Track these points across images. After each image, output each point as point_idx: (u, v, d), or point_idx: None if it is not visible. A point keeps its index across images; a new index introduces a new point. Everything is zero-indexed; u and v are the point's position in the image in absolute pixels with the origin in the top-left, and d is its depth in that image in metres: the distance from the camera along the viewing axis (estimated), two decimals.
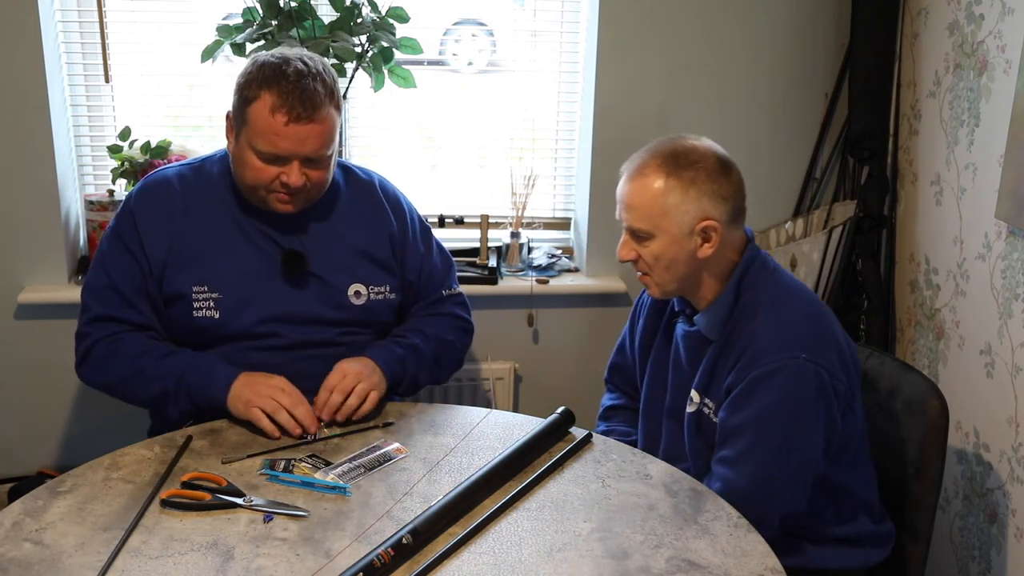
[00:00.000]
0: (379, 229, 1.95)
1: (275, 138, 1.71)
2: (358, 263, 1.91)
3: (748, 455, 1.60)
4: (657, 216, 1.63)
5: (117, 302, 1.82)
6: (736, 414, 1.61)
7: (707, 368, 1.69)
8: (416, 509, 1.45)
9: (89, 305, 1.85)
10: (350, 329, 1.90)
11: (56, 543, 1.36)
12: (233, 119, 1.78)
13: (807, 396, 1.58)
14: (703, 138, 1.69)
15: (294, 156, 1.73)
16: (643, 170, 1.65)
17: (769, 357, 1.59)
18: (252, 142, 1.73)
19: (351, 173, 1.99)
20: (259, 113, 1.70)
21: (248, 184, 1.79)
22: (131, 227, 1.84)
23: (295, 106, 1.69)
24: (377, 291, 1.91)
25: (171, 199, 1.85)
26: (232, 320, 1.82)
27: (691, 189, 1.61)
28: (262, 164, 1.74)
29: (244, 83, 1.74)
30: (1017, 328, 2.07)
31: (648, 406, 1.86)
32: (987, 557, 2.20)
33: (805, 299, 1.70)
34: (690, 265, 1.66)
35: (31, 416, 2.60)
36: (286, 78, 1.70)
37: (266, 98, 1.70)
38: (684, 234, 1.63)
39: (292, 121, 1.69)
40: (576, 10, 2.68)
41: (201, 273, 1.82)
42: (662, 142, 1.68)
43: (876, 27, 2.55)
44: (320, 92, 1.72)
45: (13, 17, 2.33)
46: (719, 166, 1.64)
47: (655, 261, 1.66)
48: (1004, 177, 2.08)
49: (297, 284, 1.85)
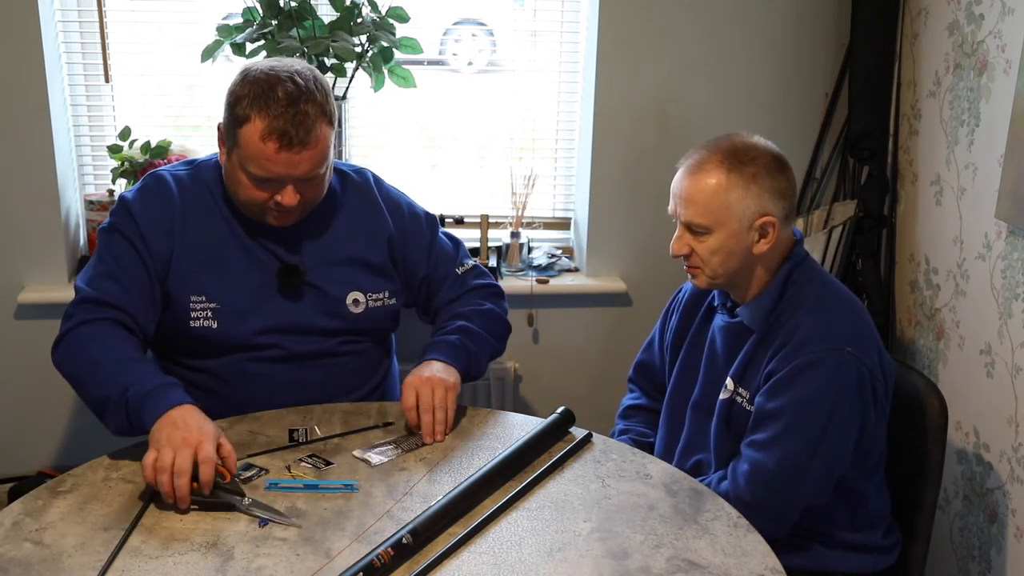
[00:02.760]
0: (376, 234, 1.92)
1: (267, 163, 1.67)
2: (355, 271, 1.89)
3: (781, 440, 1.61)
4: (718, 211, 1.64)
5: (111, 288, 1.74)
6: (774, 399, 1.62)
7: (745, 357, 1.70)
8: (416, 509, 1.45)
9: (80, 290, 1.76)
10: (350, 338, 1.89)
11: (56, 543, 1.36)
12: (224, 135, 1.74)
13: (848, 390, 1.59)
14: (757, 136, 1.71)
15: (287, 180, 1.70)
16: (703, 166, 1.65)
17: (815, 347, 1.60)
18: (244, 164, 1.69)
19: (346, 177, 1.95)
20: (250, 138, 1.66)
21: (242, 201, 1.76)
22: (133, 225, 1.78)
23: (287, 132, 1.65)
24: (376, 298, 1.90)
25: (170, 202, 1.81)
26: (230, 331, 1.80)
27: (752, 185, 1.63)
28: (254, 186, 1.71)
29: (234, 100, 1.70)
30: (1017, 328, 2.07)
31: (673, 398, 1.87)
32: (987, 557, 2.20)
33: (851, 299, 1.72)
34: (745, 260, 1.67)
35: (31, 416, 2.60)
36: (277, 102, 1.65)
37: (256, 123, 1.65)
38: (743, 229, 1.64)
39: (284, 148, 1.65)
40: (576, 10, 2.68)
41: (199, 283, 1.79)
42: (719, 139, 1.69)
43: (876, 27, 2.55)
44: (311, 114, 1.67)
45: (13, 17, 2.33)
46: (776, 163, 1.66)
47: (711, 255, 1.67)
48: (1004, 177, 2.08)
49: (295, 295, 1.83)
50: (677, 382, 1.86)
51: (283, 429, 1.70)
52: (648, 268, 2.72)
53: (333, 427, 1.73)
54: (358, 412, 1.80)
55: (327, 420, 1.75)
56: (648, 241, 2.69)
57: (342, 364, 1.88)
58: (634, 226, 2.69)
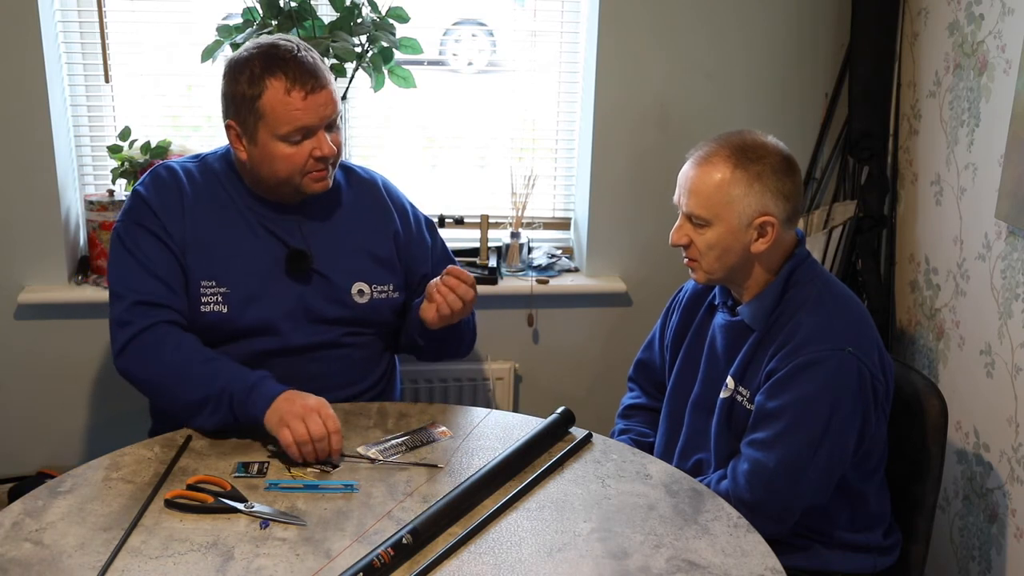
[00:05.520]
0: (383, 228, 1.95)
1: (298, 114, 1.73)
2: (361, 262, 1.91)
3: (782, 440, 1.61)
4: (718, 205, 1.64)
5: (156, 288, 1.77)
6: (775, 398, 1.62)
7: (746, 356, 1.70)
8: (416, 509, 1.45)
9: (124, 293, 1.78)
10: (354, 329, 1.90)
11: (56, 543, 1.36)
12: (239, 125, 1.77)
13: (849, 389, 1.60)
14: (770, 136, 1.71)
15: (319, 125, 1.76)
16: (710, 158, 1.66)
17: (816, 346, 1.60)
18: (276, 131, 1.74)
19: (352, 173, 1.99)
20: (274, 101, 1.72)
21: (282, 176, 1.78)
22: (149, 213, 1.81)
23: (306, 79, 1.73)
24: (380, 290, 1.92)
25: (181, 190, 1.84)
26: (240, 315, 1.82)
27: (756, 183, 1.63)
28: (293, 148, 1.75)
29: (236, 87, 1.74)
30: (1017, 328, 2.07)
31: (673, 398, 1.87)
32: (987, 557, 2.20)
33: (852, 299, 1.73)
34: (742, 257, 1.68)
35: (31, 416, 2.60)
36: (284, 60, 1.73)
37: (275, 85, 1.72)
38: (742, 226, 1.65)
39: (309, 93, 1.73)
40: (576, 10, 2.68)
41: (209, 268, 1.81)
42: (732, 134, 1.70)
43: (876, 27, 2.55)
44: (315, 59, 1.77)
45: (13, 17, 2.33)
46: (784, 165, 1.66)
47: (708, 249, 1.68)
48: (1004, 177, 2.08)
49: (302, 282, 1.85)
50: (677, 381, 1.86)
51: None
52: (648, 268, 2.72)
53: None
54: (358, 412, 1.80)
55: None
56: (648, 241, 2.69)
57: (347, 355, 1.89)
58: (634, 226, 2.69)
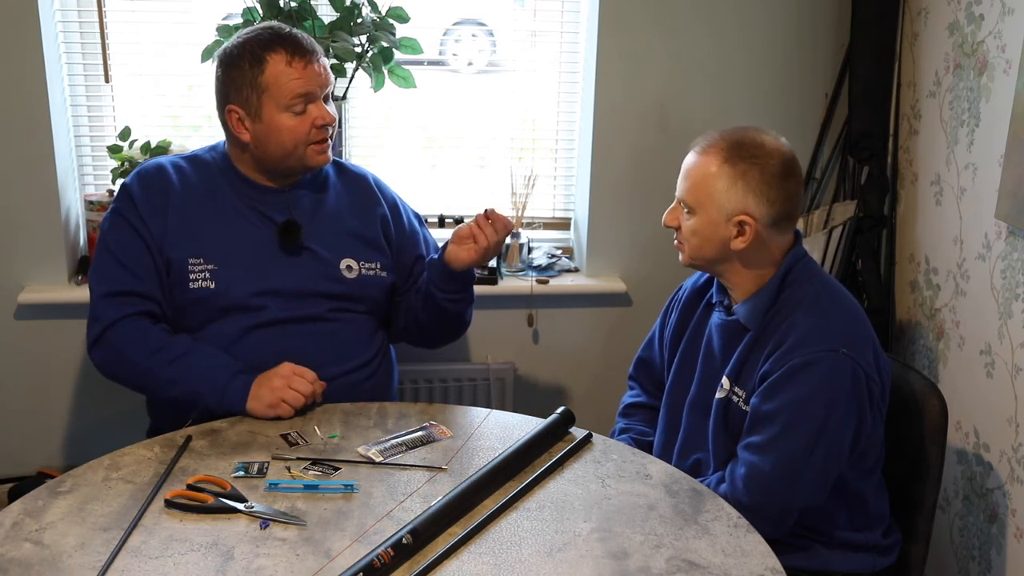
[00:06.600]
0: (370, 213, 2.01)
1: (301, 83, 1.83)
2: (349, 241, 1.97)
3: (777, 443, 1.61)
4: (702, 195, 1.67)
5: (122, 276, 1.86)
6: (769, 401, 1.62)
7: (741, 356, 1.70)
8: (416, 509, 1.45)
9: (96, 285, 1.89)
10: (342, 304, 1.94)
11: (56, 543, 1.36)
12: (242, 107, 1.85)
13: (843, 390, 1.59)
14: (780, 137, 1.71)
15: (319, 93, 1.86)
16: (708, 149, 1.69)
17: (809, 347, 1.60)
18: (280, 101, 1.83)
19: (344, 167, 2.07)
20: (276, 73, 1.82)
21: (288, 148, 1.86)
22: (130, 204, 1.90)
23: (304, 50, 1.84)
24: (368, 267, 1.97)
25: (166, 180, 1.92)
26: (228, 290, 1.86)
27: (739, 181, 1.64)
28: (297, 118, 1.84)
29: (237, 70, 1.83)
30: (1017, 328, 2.07)
31: (671, 397, 1.87)
32: (987, 557, 2.20)
33: (848, 299, 1.72)
34: (720, 251, 1.69)
35: (31, 416, 2.60)
36: (280, 36, 1.84)
37: (277, 58, 1.82)
38: (721, 220, 1.66)
39: (309, 63, 1.84)
40: (576, 10, 2.68)
41: (196, 246, 1.87)
42: (737, 128, 1.71)
43: (876, 27, 2.55)
44: (305, 35, 1.88)
45: (13, 17, 2.33)
46: (779, 169, 1.66)
47: (691, 235, 1.71)
48: (1004, 177, 2.08)
49: (291, 257, 1.91)
50: (675, 381, 1.86)
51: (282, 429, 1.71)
52: (648, 268, 2.72)
53: (332, 427, 1.73)
54: (358, 412, 1.80)
55: (327, 420, 1.75)
56: (648, 241, 2.69)
57: (336, 331, 1.93)
58: (634, 226, 2.69)
